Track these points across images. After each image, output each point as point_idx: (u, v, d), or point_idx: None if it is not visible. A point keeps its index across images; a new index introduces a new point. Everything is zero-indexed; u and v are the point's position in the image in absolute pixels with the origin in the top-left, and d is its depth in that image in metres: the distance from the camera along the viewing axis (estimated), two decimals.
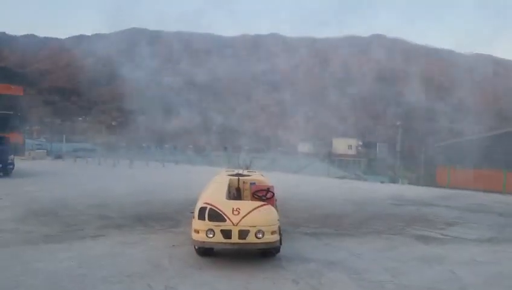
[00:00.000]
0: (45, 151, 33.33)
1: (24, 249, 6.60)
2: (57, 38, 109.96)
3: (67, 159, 29.46)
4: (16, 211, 9.66)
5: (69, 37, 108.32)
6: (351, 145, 57.14)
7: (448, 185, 19.52)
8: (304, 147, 54.51)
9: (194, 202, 6.32)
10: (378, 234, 8.34)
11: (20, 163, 20.75)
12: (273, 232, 5.75)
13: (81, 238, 7.41)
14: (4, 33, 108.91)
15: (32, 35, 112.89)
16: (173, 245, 6.96)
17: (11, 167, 17.82)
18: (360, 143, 57.19)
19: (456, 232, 8.73)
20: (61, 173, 20.65)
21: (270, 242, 5.74)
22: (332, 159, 38.96)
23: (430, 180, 22.31)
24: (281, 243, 6.06)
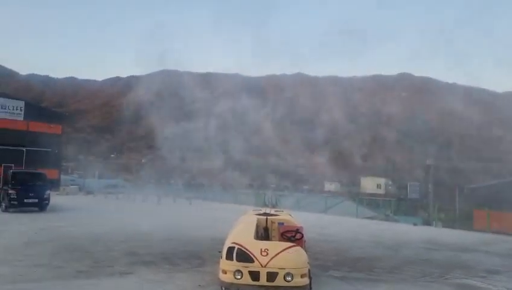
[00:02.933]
0: (78, 187, 34.54)
1: (55, 283, 6.73)
2: (94, 80, 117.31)
3: (99, 195, 30.29)
4: (49, 246, 9.94)
5: (105, 79, 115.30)
6: (380, 184, 55.55)
7: (488, 230, 18.33)
8: (330, 186, 53.56)
9: (221, 241, 6.29)
10: (414, 281, 7.86)
11: (54, 198, 21.55)
12: (302, 275, 5.57)
13: (110, 274, 7.47)
14: (47, 76, 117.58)
15: (72, 78, 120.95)
16: (200, 285, 6.87)
17: (47, 202, 18.56)
18: (390, 182, 55.52)
19: (499, 282, 8.10)
20: (92, 208, 21.23)
21: (299, 286, 5.54)
22: (361, 198, 37.85)
23: (467, 224, 21.07)
24: (310, 287, 5.84)
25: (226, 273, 5.65)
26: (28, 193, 17.76)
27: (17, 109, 35.26)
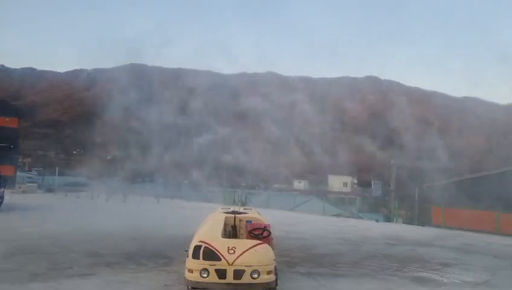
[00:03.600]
0: (36, 184, 32.89)
1: (4, 288, 6.35)
2: (54, 72, 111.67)
3: (59, 193, 29.04)
4: (1, 248, 9.40)
5: (67, 71, 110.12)
6: (346, 183, 57.17)
7: (443, 225, 19.42)
8: (299, 184, 54.46)
9: (189, 240, 6.25)
10: (374, 275, 8.21)
11: (10, 197, 20.43)
12: (269, 272, 5.66)
13: (69, 277, 7.20)
14: (2, 66, 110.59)
15: (30, 68, 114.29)
16: (165, 285, 6.80)
17: (1, 201, 17.53)
18: (355, 181, 57.29)
19: (451, 274, 8.63)
20: (51, 207, 20.30)
21: (265, 283, 5.63)
22: (328, 196, 38.81)
23: (425, 220, 22.19)
24: (276, 284, 5.94)
25: (192, 272, 5.63)
26: None
27: None
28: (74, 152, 66.08)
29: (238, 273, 5.51)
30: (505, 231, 16.83)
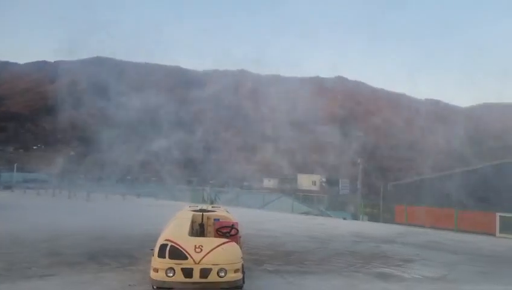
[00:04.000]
0: None
1: None
2: (15, 63, 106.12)
3: (18, 190, 27.60)
4: None
5: (29, 62, 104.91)
6: (315, 181, 58.20)
7: (406, 222, 20.21)
8: (269, 183, 54.82)
9: (155, 238, 6.11)
10: (340, 271, 8.40)
11: None
12: (236, 271, 5.63)
13: (27, 277, 6.86)
14: None
15: None
16: (130, 285, 6.61)
17: None
18: (324, 179, 58.43)
19: (412, 269, 8.99)
20: (9, 205, 19.25)
21: (232, 281, 5.59)
22: (297, 194, 39.33)
23: (389, 217, 23.02)
24: (243, 282, 5.92)
25: (157, 271, 5.50)
26: None
27: None
28: (35, 147, 63.01)
29: (204, 272, 5.44)
30: (463, 228, 17.75)
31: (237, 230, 6.92)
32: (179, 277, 5.41)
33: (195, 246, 5.60)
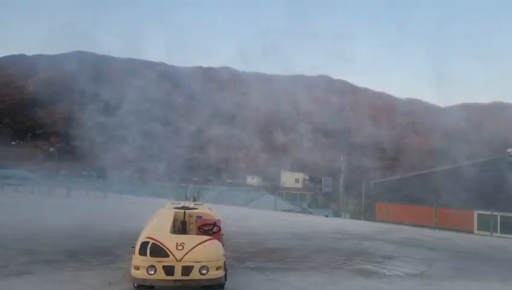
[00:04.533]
0: None
1: None
2: None
3: None
4: None
5: (5, 56, 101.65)
6: (298, 179, 58.67)
7: (386, 220, 20.62)
8: (252, 180, 54.94)
9: (136, 236, 6.03)
10: (321, 268, 8.49)
11: None
12: (218, 268, 5.63)
13: (3, 276, 6.66)
14: None
15: None
16: (109, 283, 6.51)
17: None
18: (307, 177, 58.95)
19: (392, 266, 9.18)
20: None
21: (214, 278, 5.59)
22: (280, 192, 39.52)
23: (370, 215, 23.47)
24: (225, 279, 5.92)
25: (138, 269, 5.44)
26: None
27: None
28: (13, 143, 61.07)
29: (186, 270, 5.42)
30: (441, 226, 18.25)
31: (219, 227, 6.90)
32: (160, 275, 5.38)
33: (177, 243, 5.57)
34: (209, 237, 6.02)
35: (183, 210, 7.46)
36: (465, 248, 12.91)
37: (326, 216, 23.32)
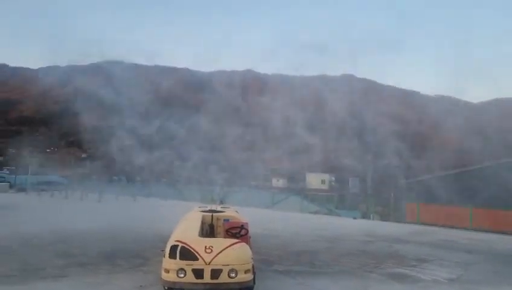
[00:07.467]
0: (8, 184, 31.69)
1: None
2: (27, 68, 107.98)
3: (32, 193, 28.05)
4: None
5: (41, 67, 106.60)
6: (324, 180, 57.92)
7: (418, 221, 19.92)
8: (277, 182, 54.75)
9: (165, 239, 6.12)
10: (352, 272, 8.30)
11: None
12: (246, 271, 5.61)
13: (41, 278, 6.94)
14: None
15: (3, 65, 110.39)
16: (141, 286, 6.63)
17: None
18: (333, 178, 58.09)
19: (427, 270, 8.83)
20: (23, 207, 19.58)
21: (243, 282, 5.58)
22: (306, 194, 39.16)
23: (400, 216, 22.72)
24: (254, 283, 5.90)
25: (168, 272, 5.51)
26: None
27: None
28: (48, 150, 63.96)
29: (215, 273, 5.44)
30: (476, 227, 17.43)
31: (247, 230, 6.90)
32: (190, 278, 5.42)
33: (206, 246, 5.60)
34: (237, 240, 6.03)
35: (211, 213, 7.51)
36: (504, 250, 12.25)
37: (355, 218, 22.81)
